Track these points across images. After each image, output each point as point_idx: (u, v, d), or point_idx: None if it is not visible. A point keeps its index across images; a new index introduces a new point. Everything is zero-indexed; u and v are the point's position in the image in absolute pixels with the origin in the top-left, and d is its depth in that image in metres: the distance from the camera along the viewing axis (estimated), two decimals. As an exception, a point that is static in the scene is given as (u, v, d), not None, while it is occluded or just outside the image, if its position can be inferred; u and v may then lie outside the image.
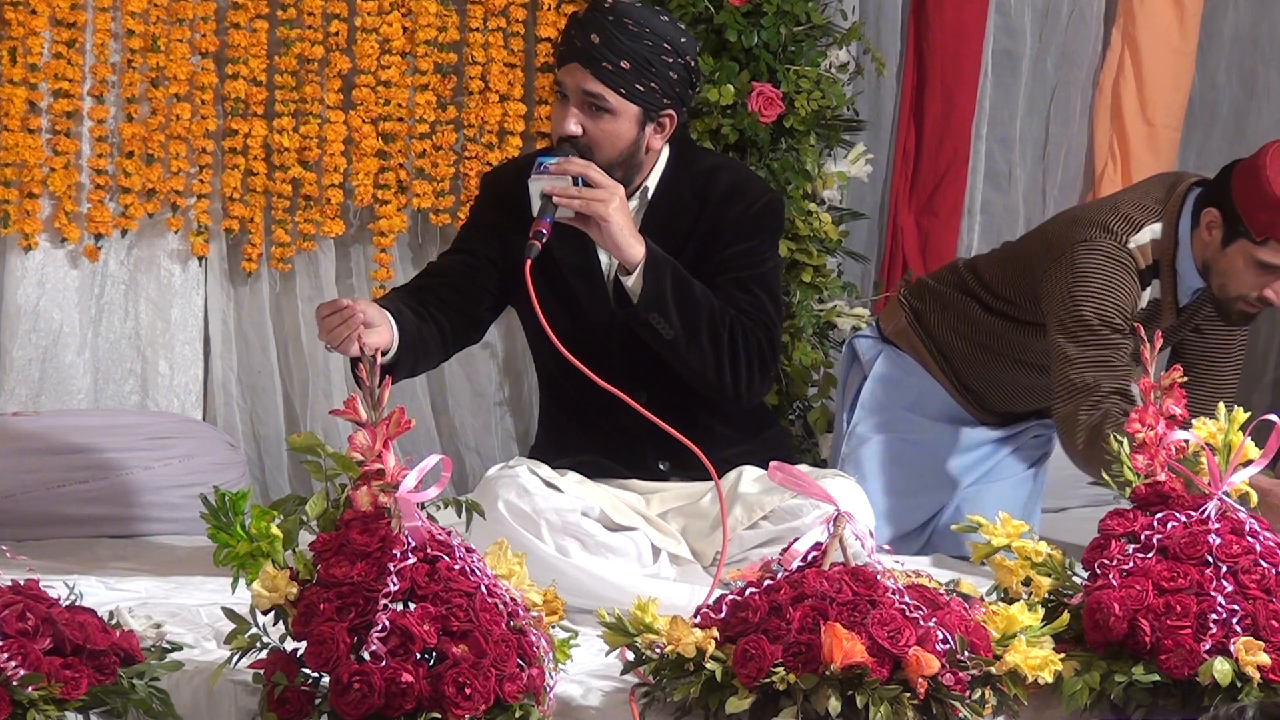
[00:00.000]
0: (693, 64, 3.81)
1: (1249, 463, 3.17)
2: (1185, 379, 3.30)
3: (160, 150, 4.90)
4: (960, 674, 2.86)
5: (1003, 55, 5.78)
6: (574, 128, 3.74)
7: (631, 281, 3.70)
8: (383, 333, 3.63)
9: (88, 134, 4.88)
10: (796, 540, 3.06)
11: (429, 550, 2.83)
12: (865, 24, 5.48)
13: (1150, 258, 4.28)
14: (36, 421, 4.67)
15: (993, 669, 2.91)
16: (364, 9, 5.00)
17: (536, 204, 3.68)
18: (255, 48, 4.94)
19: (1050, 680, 2.94)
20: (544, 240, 3.65)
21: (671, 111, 3.79)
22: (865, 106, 5.51)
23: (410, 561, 2.80)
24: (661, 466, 3.90)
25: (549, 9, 5.12)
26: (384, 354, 3.62)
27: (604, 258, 3.85)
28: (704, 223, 3.85)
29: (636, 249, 3.70)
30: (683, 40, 3.79)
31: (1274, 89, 6.10)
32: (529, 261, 3.61)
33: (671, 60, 3.76)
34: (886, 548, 3.33)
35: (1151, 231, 4.28)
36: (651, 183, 3.87)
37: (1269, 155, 4.13)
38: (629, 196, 3.80)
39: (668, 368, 3.78)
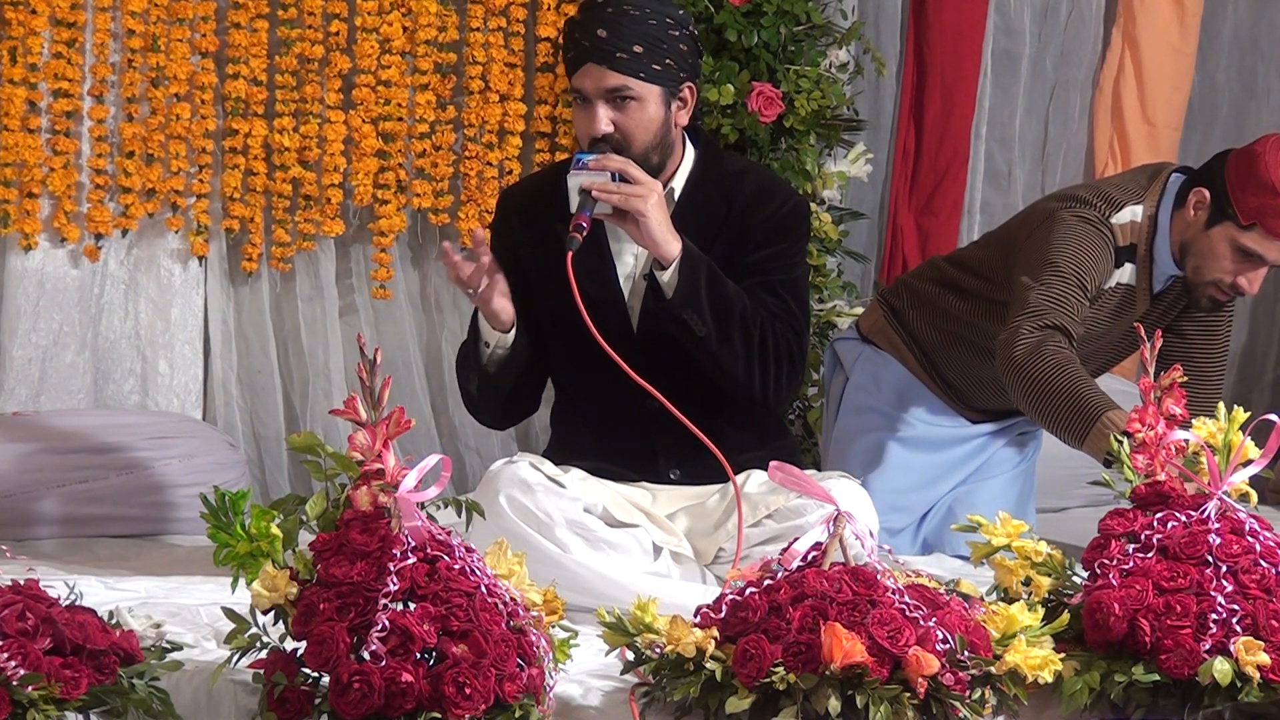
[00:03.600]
0: (695, 33, 3.86)
1: (1249, 463, 3.17)
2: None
3: (160, 150, 4.90)
4: (960, 674, 2.85)
5: (1002, 55, 5.78)
6: (605, 126, 3.74)
7: (667, 277, 3.70)
8: (507, 307, 3.75)
9: (88, 134, 4.88)
10: (797, 539, 3.06)
11: (429, 550, 2.83)
12: (865, 24, 5.48)
13: (1128, 239, 4.29)
14: (36, 421, 4.67)
15: (993, 669, 2.90)
16: (364, 9, 5.00)
17: (575, 200, 3.69)
18: (255, 47, 4.94)
19: (1050, 680, 2.94)
20: (584, 234, 3.65)
21: (690, 84, 3.82)
22: (865, 106, 5.51)
23: (410, 561, 2.80)
24: (672, 475, 3.90)
25: (549, 9, 5.12)
26: (506, 330, 3.77)
27: (622, 270, 3.85)
28: (732, 225, 3.85)
29: (673, 245, 3.70)
30: (680, 12, 3.84)
31: (1274, 89, 6.11)
32: (570, 254, 3.62)
33: (678, 33, 3.79)
34: (886, 547, 3.33)
35: (1132, 213, 4.30)
36: (678, 184, 3.87)
37: (1269, 143, 4.19)
38: None
39: (683, 383, 3.77)
